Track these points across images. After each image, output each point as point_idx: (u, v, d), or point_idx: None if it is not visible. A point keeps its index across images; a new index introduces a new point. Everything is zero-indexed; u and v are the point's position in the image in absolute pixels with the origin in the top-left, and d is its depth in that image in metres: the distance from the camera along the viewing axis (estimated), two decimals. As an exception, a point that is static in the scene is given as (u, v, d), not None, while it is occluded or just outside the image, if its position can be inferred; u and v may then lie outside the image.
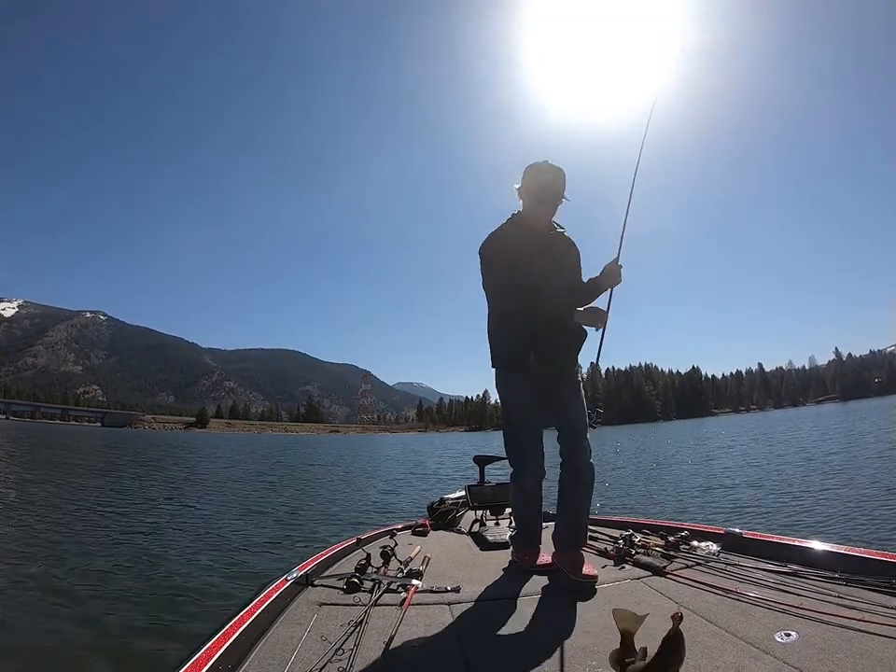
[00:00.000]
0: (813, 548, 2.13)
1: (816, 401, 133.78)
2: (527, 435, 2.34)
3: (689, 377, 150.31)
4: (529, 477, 2.36)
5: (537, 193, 2.28)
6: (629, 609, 1.30)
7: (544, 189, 2.28)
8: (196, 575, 4.66)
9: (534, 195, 2.29)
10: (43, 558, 5.05)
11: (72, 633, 3.31)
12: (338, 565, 2.47)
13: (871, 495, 7.41)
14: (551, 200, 2.31)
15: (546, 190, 2.28)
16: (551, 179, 2.28)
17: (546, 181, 2.27)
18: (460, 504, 3.70)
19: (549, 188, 2.28)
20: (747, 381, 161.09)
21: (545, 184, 2.28)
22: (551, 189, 2.28)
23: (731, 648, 1.49)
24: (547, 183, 2.27)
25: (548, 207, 2.33)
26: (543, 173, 2.29)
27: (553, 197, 2.30)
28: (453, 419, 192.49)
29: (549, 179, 2.28)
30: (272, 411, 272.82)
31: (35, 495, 9.50)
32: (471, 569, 2.46)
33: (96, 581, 4.41)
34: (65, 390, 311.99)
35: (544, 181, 2.28)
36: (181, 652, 1.60)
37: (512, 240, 2.28)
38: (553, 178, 2.28)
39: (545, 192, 2.29)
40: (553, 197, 2.30)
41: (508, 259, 2.23)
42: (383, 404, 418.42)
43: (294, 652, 1.53)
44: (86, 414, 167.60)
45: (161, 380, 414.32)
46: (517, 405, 2.37)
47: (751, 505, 7.64)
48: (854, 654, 1.39)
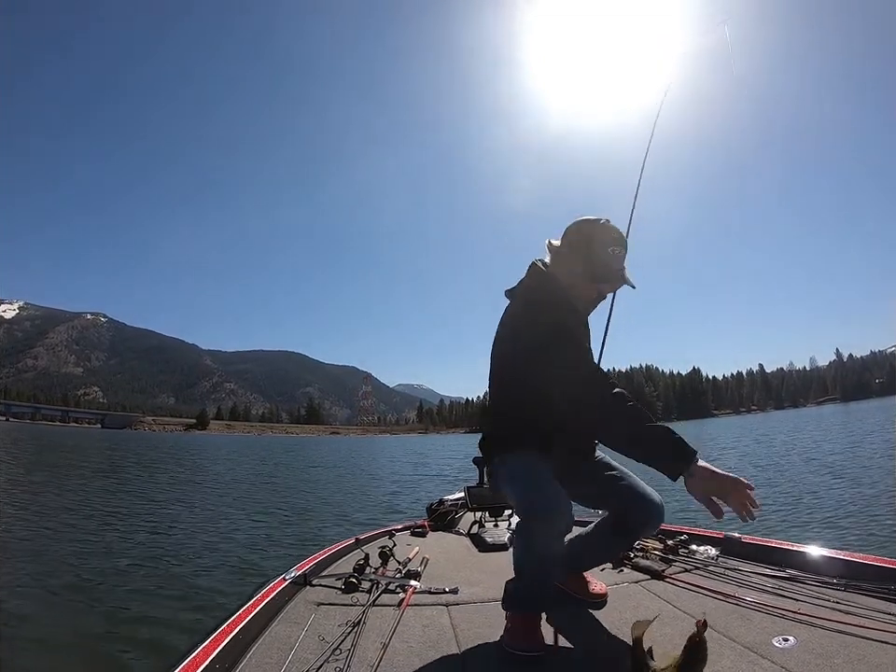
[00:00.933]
0: (811, 553, 2.12)
1: (817, 402, 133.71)
2: (544, 477, 1.61)
3: (690, 378, 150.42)
4: (547, 524, 1.54)
5: (597, 270, 1.67)
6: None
7: (609, 267, 1.66)
8: (194, 574, 4.66)
9: (592, 271, 1.68)
10: (41, 557, 5.05)
11: (69, 630, 3.31)
12: (336, 565, 2.47)
13: (870, 499, 7.38)
14: (613, 280, 1.71)
15: (611, 269, 1.67)
16: (619, 254, 1.68)
17: (614, 257, 1.66)
18: (459, 505, 3.70)
19: (614, 268, 1.68)
20: (747, 382, 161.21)
21: (611, 261, 1.66)
22: (615, 267, 1.68)
23: (729, 652, 1.49)
24: (615, 260, 1.67)
25: (604, 288, 1.76)
26: (611, 243, 1.65)
27: (616, 278, 1.69)
28: (453, 421, 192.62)
29: (618, 255, 1.67)
30: (272, 412, 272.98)
31: (34, 494, 9.50)
32: (470, 571, 2.46)
33: (94, 580, 4.41)
34: (66, 392, 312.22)
35: (610, 257, 1.66)
36: (178, 650, 1.60)
37: (563, 314, 1.66)
38: (621, 252, 1.68)
39: (608, 272, 1.68)
40: (616, 278, 1.69)
41: (560, 336, 1.58)
42: (383, 406, 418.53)
43: (291, 652, 1.53)
44: (86, 416, 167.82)
45: (162, 382, 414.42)
46: (529, 469, 1.66)
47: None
48: (852, 660, 1.39)
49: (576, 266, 1.69)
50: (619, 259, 1.66)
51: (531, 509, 1.56)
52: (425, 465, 21.62)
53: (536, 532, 1.56)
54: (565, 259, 1.72)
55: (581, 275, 1.68)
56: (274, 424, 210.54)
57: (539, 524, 1.53)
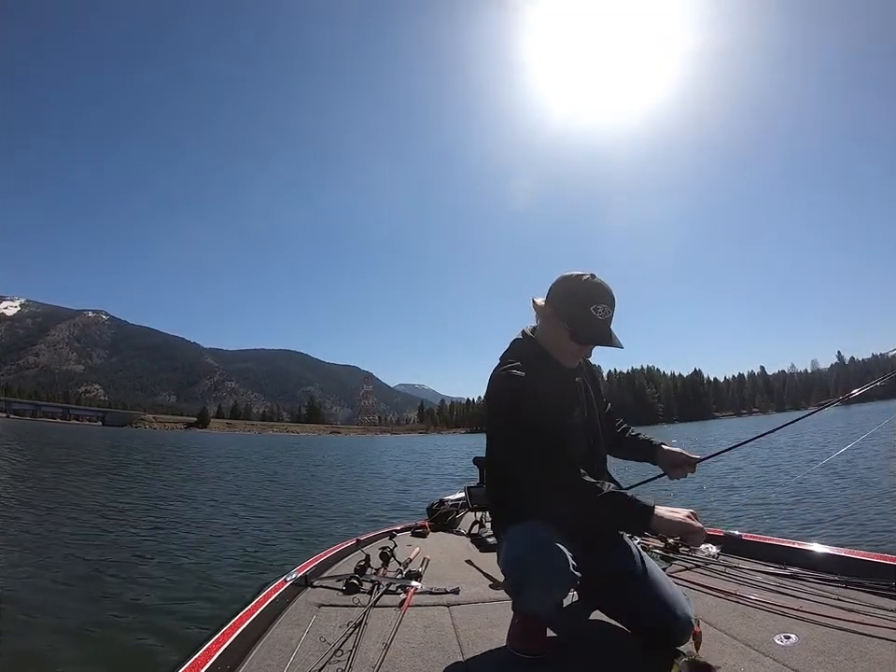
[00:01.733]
0: (813, 550, 2.14)
1: (818, 405, 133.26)
2: (544, 538, 1.46)
3: (691, 380, 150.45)
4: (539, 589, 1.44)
5: (581, 332, 1.58)
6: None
7: (593, 328, 1.57)
8: (195, 576, 4.64)
9: (575, 333, 1.58)
10: (41, 556, 5.05)
11: (70, 631, 3.31)
12: (337, 566, 2.48)
13: (870, 497, 7.38)
14: (597, 342, 1.61)
15: (595, 331, 1.57)
16: (605, 314, 1.57)
17: (601, 319, 1.56)
18: (460, 505, 3.71)
19: (599, 329, 1.57)
20: (749, 384, 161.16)
21: (598, 324, 1.56)
22: (604, 330, 1.58)
23: (730, 650, 1.50)
24: (602, 322, 1.57)
25: (588, 349, 1.67)
26: (596, 301, 1.55)
27: (600, 340, 1.59)
28: (454, 420, 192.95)
29: (603, 314, 1.56)
30: (272, 411, 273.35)
31: (41, 490, 9.52)
32: (470, 571, 2.47)
33: (94, 580, 4.41)
34: (67, 389, 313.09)
35: (594, 318, 1.55)
36: (180, 652, 1.60)
37: (544, 390, 1.54)
38: (607, 311, 1.57)
39: (592, 334, 1.58)
40: (600, 340, 1.59)
41: (544, 417, 1.48)
42: (384, 405, 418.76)
43: (293, 653, 1.53)
44: (87, 414, 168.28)
45: (163, 380, 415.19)
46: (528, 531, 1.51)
47: (751, 507, 7.62)
48: (853, 657, 1.40)
49: (560, 328, 1.61)
50: (605, 319, 1.57)
51: (520, 571, 1.45)
52: (425, 465, 21.63)
53: (528, 600, 1.47)
54: (548, 321, 1.66)
55: (567, 337, 1.60)
56: (275, 423, 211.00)
57: (530, 589, 1.44)
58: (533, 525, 1.50)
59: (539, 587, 1.43)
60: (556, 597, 1.47)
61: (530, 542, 1.46)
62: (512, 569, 1.49)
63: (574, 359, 1.68)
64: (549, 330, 1.66)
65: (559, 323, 1.61)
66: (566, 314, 1.59)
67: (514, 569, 1.48)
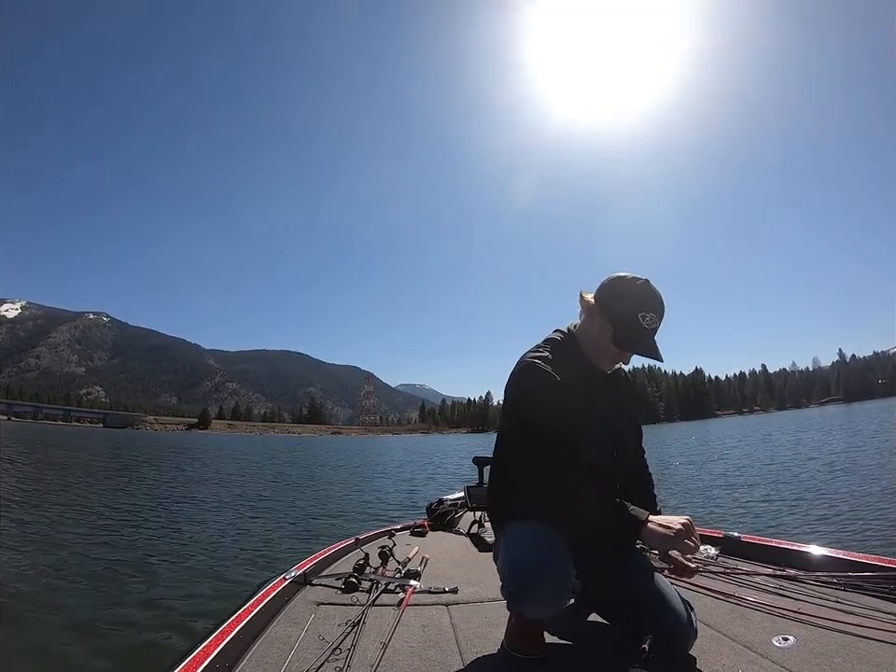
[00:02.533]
0: (811, 552, 2.13)
1: (819, 403, 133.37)
2: (545, 539, 1.43)
3: (692, 378, 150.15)
4: (535, 593, 1.39)
5: (624, 338, 1.50)
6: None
7: (638, 337, 1.48)
8: (194, 573, 4.66)
9: (618, 338, 1.50)
10: (41, 554, 5.07)
11: (68, 629, 3.31)
12: (336, 564, 2.48)
13: (870, 498, 7.36)
14: (640, 352, 1.52)
15: (639, 340, 1.49)
16: (652, 324, 1.48)
17: (647, 328, 1.47)
18: (459, 505, 3.71)
19: (644, 339, 1.49)
20: (750, 382, 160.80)
21: (644, 332, 1.47)
22: (648, 340, 1.49)
23: (728, 651, 1.50)
24: (648, 331, 1.48)
25: (628, 357, 1.58)
26: (646, 309, 1.47)
27: (643, 350, 1.51)
28: (455, 420, 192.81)
29: (650, 324, 1.47)
30: (274, 412, 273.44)
31: (47, 493, 9.54)
32: (469, 570, 2.47)
33: (93, 578, 4.42)
34: (68, 391, 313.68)
35: (641, 327, 1.47)
36: (179, 649, 1.60)
37: (567, 388, 1.47)
38: (655, 321, 1.48)
39: (636, 343, 1.50)
40: (643, 350, 1.51)
41: (558, 416, 1.42)
42: (385, 406, 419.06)
43: (291, 652, 1.54)
44: (88, 415, 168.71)
45: (164, 381, 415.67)
46: (528, 531, 1.48)
47: (750, 508, 7.61)
48: (851, 659, 1.40)
49: (604, 329, 1.52)
50: (650, 329, 1.47)
51: (522, 580, 1.39)
52: (425, 465, 21.64)
53: (529, 609, 1.43)
54: (592, 318, 1.56)
55: (608, 339, 1.52)
56: (276, 423, 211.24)
57: (532, 599, 1.39)
58: (534, 526, 1.45)
59: (541, 599, 1.39)
60: (557, 608, 1.43)
61: (533, 548, 1.41)
62: (514, 577, 1.43)
63: (611, 363, 1.59)
64: (591, 329, 1.57)
65: (603, 323, 1.52)
66: (612, 314, 1.50)
67: (515, 577, 1.42)
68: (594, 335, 1.56)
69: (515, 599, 1.43)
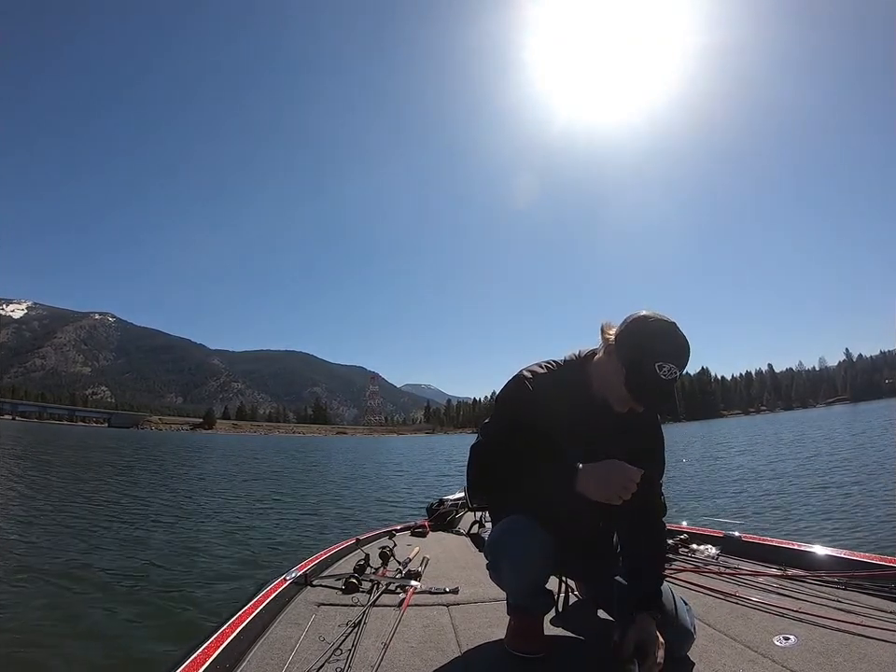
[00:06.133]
0: (812, 552, 2.13)
1: (826, 403, 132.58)
2: (526, 524, 1.49)
3: (698, 378, 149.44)
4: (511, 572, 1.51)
5: (639, 387, 1.36)
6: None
7: (653, 388, 1.34)
8: (195, 574, 4.68)
9: (632, 383, 1.36)
10: (41, 554, 5.10)
11: (69, 629, 3.33)
12: (337, 565, 2.49)
13: (871, 498, 7.33)
14: (651, 406, 1.43)
15: (656, 392, 1.35)
16: (672, 374, 1.33)
17: (664, 379, 1.32)
18: (459, 505, 3.72)
19: (660, 391, 1.35)
20: (756, 382, 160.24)
21: (658, 383, 1.33)
22: (663, 391, 1.35)
23: (729, 651, 1.50)
24: (664, 382, 1.33)
25: (638, 406, 1.42)
26: (665, 358, 1.32)
27: (655, 403, 1.42)
28: (460, 421, 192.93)
29: (669, 375, 1.32)
30: (278, 412, 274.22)
31: (48, 492, 9.60)
32: (470, 571, 2.47)
33: (94, 579, 4.44)
34: (74, 391, 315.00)
35: (659, 379, 1.32)
36: (179, 651, 1.61)
37: (551, 412, 1.44)
38: (674, 371, 1.33)
39: (651, 393, 1.37)
40: (655, 403, 1.42)
41: (529, 435, 1.42)
42: (390, 406, 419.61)
43: (292, 652, 1.54)
44: (93, 415, 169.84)
45: (170, 381, 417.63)
46: (512, 518, 1.54)
47: (751, 507, 7.58)
48: (853, 658, 1.40)
49: (619, 372, 1.39)
50: (668, 380, 1.32)
51: (495, 551, 1.53)
52: (426, 465, 21.67)
53: (501, 578, 1.55)
54: (608, 356, 1.44)
55: (621, 382, 1.38)
56: (281, 424, 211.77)
57: (503, 570, 1.52)
58: (517, 516, 1.53)
59: (509, 564, 1.49)
60: (528, 576, 1.50)
61: (507, 526, 1.53)
62: (489, 550, 1.57)
63: (622, 406, 1.44)
64: (606, 367, 1.45)
65: (619, 366, 1.39)
66: (628, 359, 1.37)
67: (490, 550, 1.56)
68: (607, 374, 1.44)
69: (492, 568, 1.56)
